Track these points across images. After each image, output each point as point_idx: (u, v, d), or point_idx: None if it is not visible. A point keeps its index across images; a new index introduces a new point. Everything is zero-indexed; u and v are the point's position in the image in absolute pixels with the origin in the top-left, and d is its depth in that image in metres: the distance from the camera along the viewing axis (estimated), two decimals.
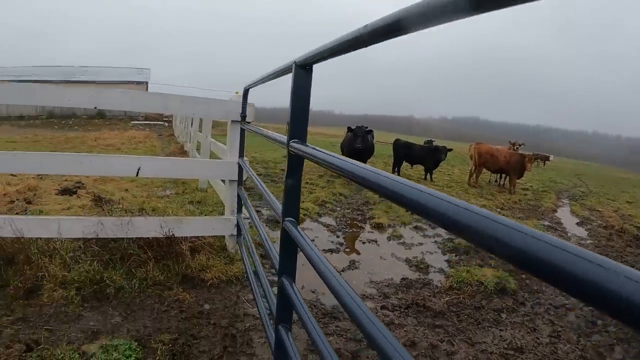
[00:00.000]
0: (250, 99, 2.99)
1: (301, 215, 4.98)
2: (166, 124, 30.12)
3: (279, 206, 1.56)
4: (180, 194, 5.50)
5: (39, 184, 5.31)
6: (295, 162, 1.36)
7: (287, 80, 1.44)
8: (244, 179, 3.16)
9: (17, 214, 3.85)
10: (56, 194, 4.96)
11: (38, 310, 2.32)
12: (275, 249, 1.72)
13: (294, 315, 1.43)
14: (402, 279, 3.35)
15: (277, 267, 1.49)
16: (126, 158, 2.92)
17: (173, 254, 2.88)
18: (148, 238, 2.89)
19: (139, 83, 30.61)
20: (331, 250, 3.92)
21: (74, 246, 2.85)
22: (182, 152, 10.63)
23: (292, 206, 1.39)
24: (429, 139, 15.11)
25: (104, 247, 2.83)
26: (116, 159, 2.99)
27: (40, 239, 2.79)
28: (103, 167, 2.92)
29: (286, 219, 1.37)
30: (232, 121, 3.14)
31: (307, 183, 7.47)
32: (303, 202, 5.38)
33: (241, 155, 3.09)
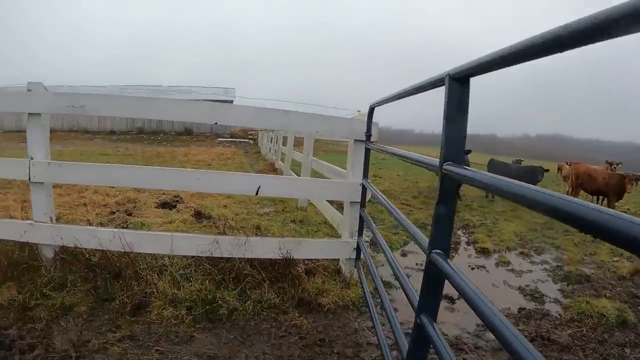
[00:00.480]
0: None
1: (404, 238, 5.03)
2: (251, 142, 32.23)
3: (422, 236, 1.53)
4: (280, 212, 5.68)
5: (138, 197, 5.73)
6: (449, 187, 1.30)
7: (413, 100, 1.43)
8: (366, 200, 3.16)
9: (117, 225, 4.16)
10: (155, 207, 5.29)
11: (146, 328, 2.38)
12: (408, 282, 1.68)
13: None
14: (520, 309, 3.25)
15: (416, 302, 1.43)
16: (245, 177, 3.05)
17: (289, 276, 2.91)
18: (262, 259, 2.96)
19: (225, 102, 33.26)
20: None
21: (184, 263, 2.96)
22: (273, 170, 11.07)
23: (442, 236, 1.32)
24: (517, 159, 14.37)
25: (216, 266, 2.91)
26: (235, 177, 3.12)
27: (149, 254, 2.95)
28: (221, 185, 3.09)
29: (434, 250, 1.30)
30: (356, 140, 3.15)
31: (402, 203, 7.61)
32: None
33: (365, 176, 3.10)
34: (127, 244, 2.83)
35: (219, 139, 30.26)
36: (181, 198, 5.83)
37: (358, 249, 3.17)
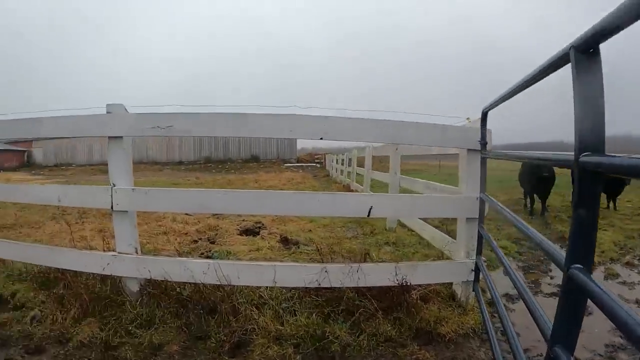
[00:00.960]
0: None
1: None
2: (318, 165, 33.11)
3: (557, 250, 1.38)
4: (368, 234, 5.67)
5: (219, 224, 5.90)
6: (591, 184, 1.10)
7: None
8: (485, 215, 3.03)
9: (202, 254, 4.28)
10: (238, 234, 5.42)
11: None
12: (537, 305, 1.50)
13: None
14: None
15: (549, 331, 1.26)
16: (357, 197, 3.02)
17: (404, 304, 2.78)
18: (372, 287, 2.86)
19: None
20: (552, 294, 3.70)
21: (284, 295, 2.89)
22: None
23: (584, 248, 1.13)
24: None
25: (321, 297, 2.84)
26: (344, 197, 3.09)
27: (244, 286, 2.90)
28: (330, 208, 3.00)
29: (574, 265, 1.11)
30: (469, 150, 3.03)
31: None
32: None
33: (482, 189, 2.96)
34: (223, 277, 2.77)
35: (285, 164, 31.60)
36: (263, 224, 5.94)
37: (476, 270, 3.01)
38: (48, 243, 4.78)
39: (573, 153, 1.14)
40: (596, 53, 1.11)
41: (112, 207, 2.96)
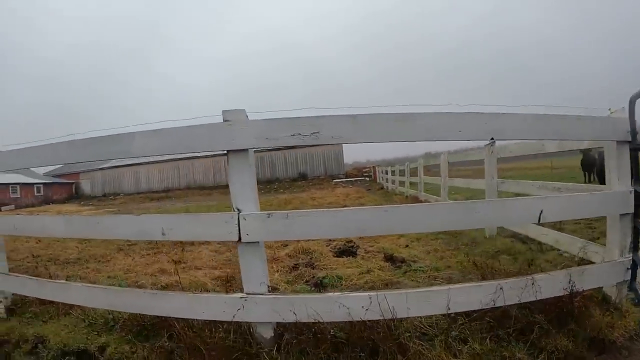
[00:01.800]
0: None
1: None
2: (367, 179, 33.15)
3: None
4: (470, 245, 5.44)
5: (310, 246, 5.34)
6: None
7: None
8: None
9: (307, 282, 4.01)
10: (334, 256, 5.03)
11: None
12: None
13: None
14: None
15: None
16: (522, 200, 2.75)
17: (574, 313, 2.59)
18: (540, 300, 2.63)
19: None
20: None
21: (446, 321, 2.60)
22: (419, 202, 10.78)
23: None
24: None
25: (489, 319, 2.58)
26: (512, 202, 2.78)
27: (405, 318, 2.52)
28: (498, 215, 2.72)
29: None
30: (618, 142, 2.86)
31: None
32: None
33: (637, 181, 2.83)
34: (389, 309, 2.38)
35: (334, 180, 31.45)
36: (355, 243, 5.59)
37: (633, 268, 2.90)
38: (123, 279, 4.49)
39: None
40: None
41: (239, 239, 2.45)
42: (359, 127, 2.42)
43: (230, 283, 3.06)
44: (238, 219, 2.44)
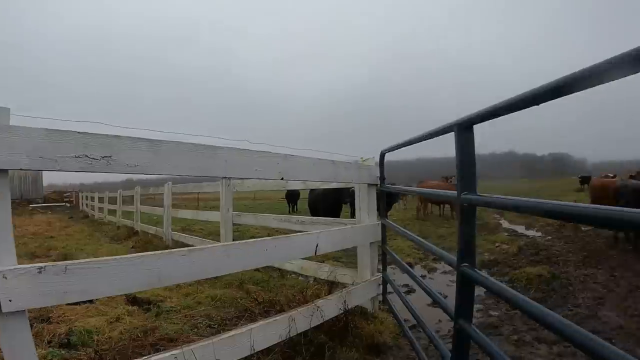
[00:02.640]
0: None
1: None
2: (68, 205, 30.31)
3: (450, 255, 2.08)
4: (228, 286, 5.01)
5: None
6: (470, 212, 1.81)
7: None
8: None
9: (49, 343, 3.05)
10: (66, 304, 3.72)
11: None
12: (440, 297, 2.29)
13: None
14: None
15: (452, 312, 1.91)
16: (304, 236, 2.97)
17: (349, 327, 3.14)
18: (326, 321, 3.00)
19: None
20: None
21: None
22: (135, 235, 10.28)
23: (469, 253, 1.82)
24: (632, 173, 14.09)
25: (290, 347, 2.79)
26: (296, 239, 2.91)
27: None
28: (285, 251, 2.83)
29: (463, 265, 1.80)
30: (369, 185, 3.62)
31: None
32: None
33: (383, 215, 3.66)
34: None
35: (31, 205, 28.13)
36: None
37: (384, 284, 3.70)
38: None
39: (456, 192, 1.88)
40: (471, 129, 1.84)
41: None
42: (161, 156, 2.09)
43: None
44: None
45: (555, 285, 5.19)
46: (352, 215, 10.36)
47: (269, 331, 2.56)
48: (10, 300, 1.63)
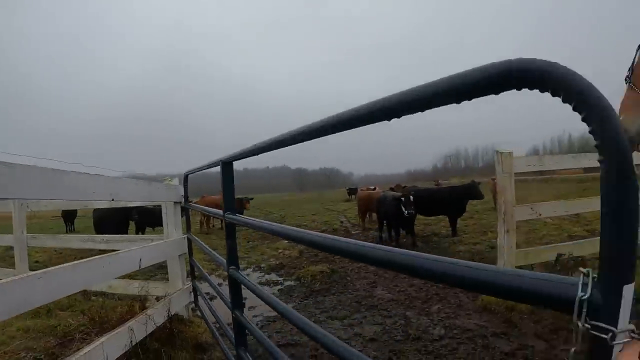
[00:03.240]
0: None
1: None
2: None
3: (222, 259, 2.60)
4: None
5: None
6: (231, 228, 2.43)
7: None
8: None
9: None
10: None
11: None
12: (223, 294, 2.80)
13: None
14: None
15: (230, 304, 2.43)
16: (131, 252, 3.13)
17: (175, 332, 3.52)
18: (158, 328, 3.31)
19: None
20: None
21: None
22: None
23: (233, 259, 2.39)
24: (436, 182, 14.89)
25: (134, 355, 3.02)
26: (123, 255, 3.05)
27: None
28: (114, 269, 2.89)
29: (231, 267, 2.35)
30: (175, 202, 3.98)
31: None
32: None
33: (188, 229, 4.10)
34: None
35: None
36: None
37: (194, 291, 4.13)
38: None
39: (222, 212, 2.39)
40: (231, 165, 2.33)
41: None
42: (15, 178, 1.99)
43: None
44: None
45: (335, 277, 6.54)
46: (137, 232, 10.52)
47: (112, 344, 2.66)
48: None
